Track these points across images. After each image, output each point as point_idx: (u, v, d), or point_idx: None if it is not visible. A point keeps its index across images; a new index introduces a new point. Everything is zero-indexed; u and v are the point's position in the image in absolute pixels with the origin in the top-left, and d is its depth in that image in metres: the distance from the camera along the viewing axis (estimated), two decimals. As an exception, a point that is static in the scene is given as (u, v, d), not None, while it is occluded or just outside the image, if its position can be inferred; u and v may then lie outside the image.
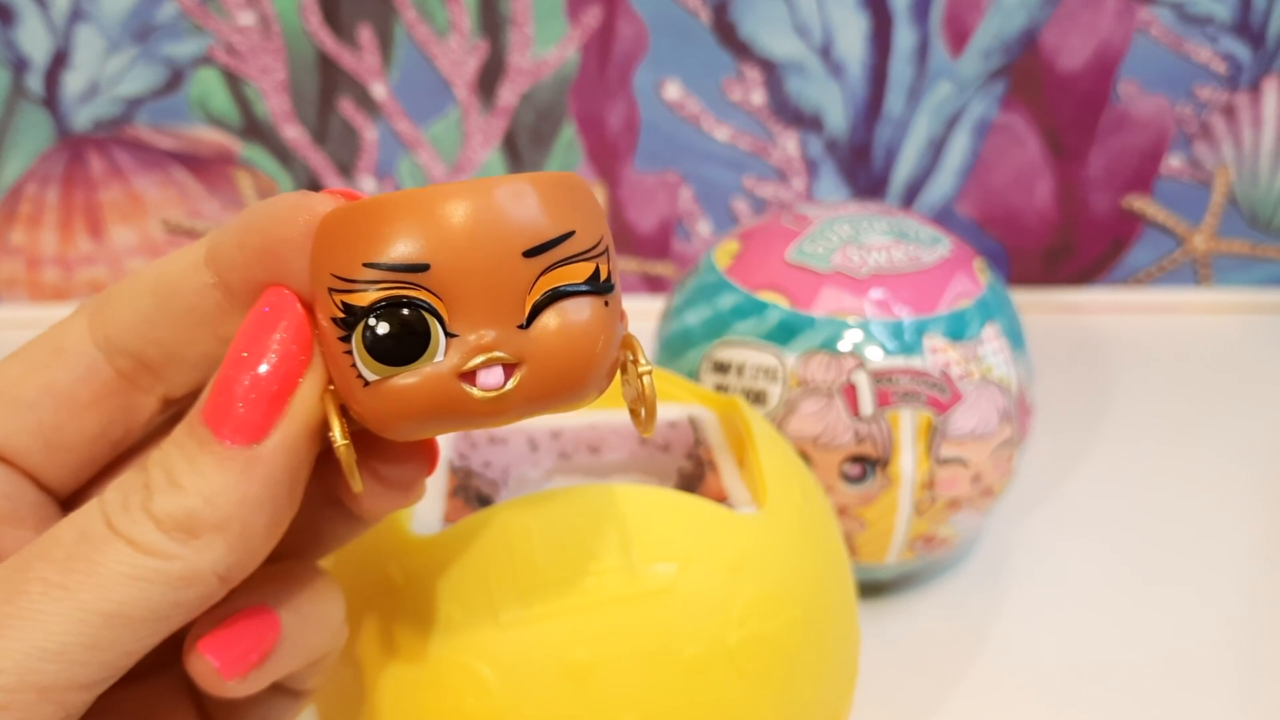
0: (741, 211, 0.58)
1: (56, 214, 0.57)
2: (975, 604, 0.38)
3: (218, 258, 0.19)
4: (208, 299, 0.19)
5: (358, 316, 0.17)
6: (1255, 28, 0.53)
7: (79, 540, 0.17)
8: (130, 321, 0.20)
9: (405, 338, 0.17)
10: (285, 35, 0.54)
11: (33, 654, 0.16)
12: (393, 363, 0.17)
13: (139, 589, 0.17)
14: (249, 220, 0.19)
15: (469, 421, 0.18)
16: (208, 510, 0.17)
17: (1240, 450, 0.47)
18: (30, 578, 0.17)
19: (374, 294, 0.17)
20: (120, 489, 0.18)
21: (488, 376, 0.17)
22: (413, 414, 0.17)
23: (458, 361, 0.17)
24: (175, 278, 0.19)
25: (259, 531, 0.18)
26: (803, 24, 0.53)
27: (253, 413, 0.18)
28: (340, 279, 0.17)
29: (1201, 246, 0.59)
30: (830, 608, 0.26)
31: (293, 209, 0.18)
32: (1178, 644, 0.37)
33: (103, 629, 0.17)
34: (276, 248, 0.18)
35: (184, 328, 0.20)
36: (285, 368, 0.18)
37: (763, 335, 0.34)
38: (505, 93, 0.55)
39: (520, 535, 0.23)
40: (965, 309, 0.35)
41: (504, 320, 0.17)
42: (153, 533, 0.17)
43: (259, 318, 0.18)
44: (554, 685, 0.23)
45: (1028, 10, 0.53)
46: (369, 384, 0.17)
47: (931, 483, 0.34)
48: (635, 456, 0.31)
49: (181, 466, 0.18)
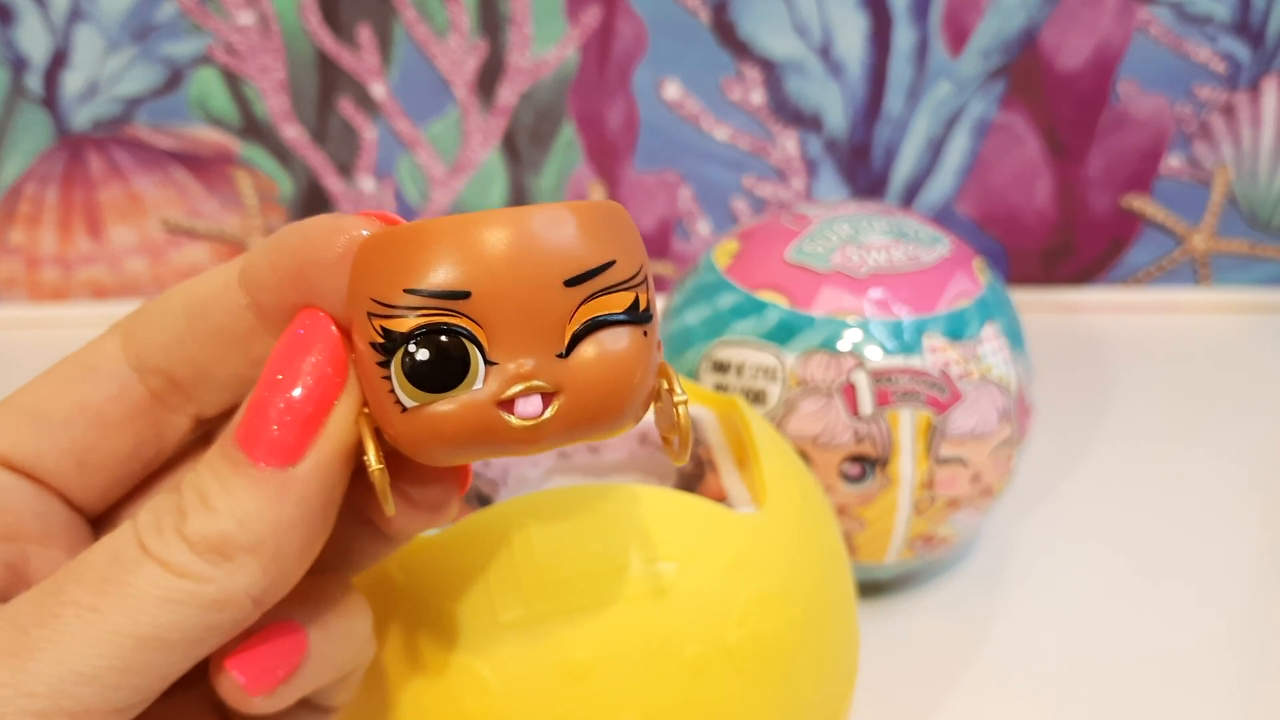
0: (741, 211, 0.58)
1: (56, 213, 0.57)
2: (974, 603, 0.38)
3: (250, 279, 0.19)
4: (240, 320, 0.19)
5: (397, 343, 0.17)
6: (1254, 27, 0.53)
7: (111, 563, 0.17)
8: (162, 341, 0.20)
9: (445, 365, 0.17)
10: (285, 35, 0.54)
11: (66, 678, 0.16)
12: (431, 389, 0.17)
13: (172, 612, 0.17)
14: (281, 241, 0.18)
15: (504, 449, 0.17)
16: (241, 533, 0.17)
17: (1239, 450, 0.47)
18: (64, 600, 0.17)
19: (414, 320, 0.17)
20: (153, 511, 0.18)
21: (526, 405, 0.17)
22: (449, 441, 0.17)
23: (496, 389, 0.17)
24: (207, 298, 0.19)
25: (292, 554, 0.18)
26: (802, 23, 0.53)
27: (287, 435, 0.17)
28: (380, 304, 0.17)
29: (1201, 246, 0.59)
30: (830, 607, 0.26)
31: (327, 231, 0.18)
32: (1177, 643, 0.37)
33: (136, 652, 0.17)
34: (309, 269, 0.18)
35: (215, 348, 0.20)
36: (320, 390, 0.18)
37: (762, 335, 0.34)
38: (505, 92, 0.55)
39: (520, 535, 0.23)
40: (965, 308, 0.35)
41: (543, 349, 0.17)
42: (185, 554, 0.17)
43: (293, 340, 0.18)
44: (553, 685, 0.23)
45: (1027, 10, 0.53)
46: (406, 410, 0.17)
47: (931, 482, 0.34)
48: (635, 456, 0.31)
49: (214, 488, 0.17)
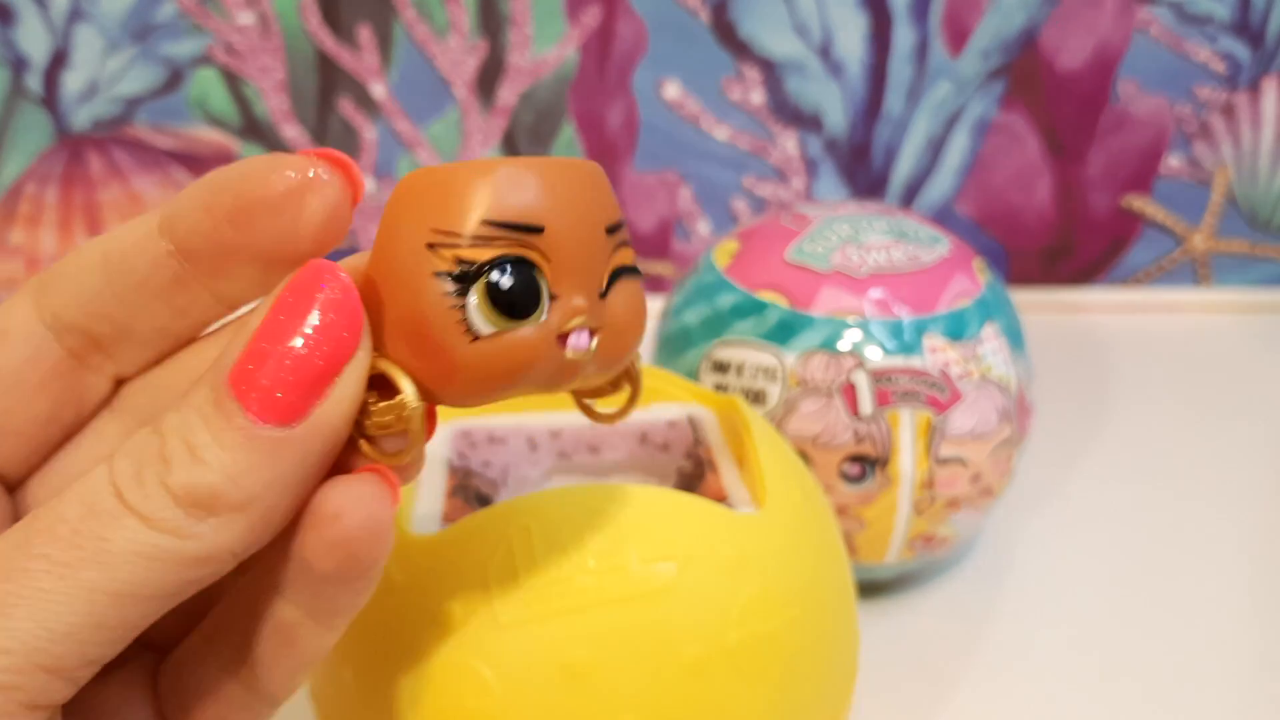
0: (741, 211, 0.58)
1: (56, 214, 0.57)
2: (975, 604, 0.38)
3: (178, 224, 0.18)
4: (162, 269, 0.19)
5: (477, 271, 0.17)
6: (1254, 27, 0.53)
7: (85, 515, 0.16)
8: (79, 297, 0.19)
9: (526, 293, 0.17)
10: (284, 35, 0.54)
11: (40, 635, 0.15)
12: (513, 316, 0.17)
13: (150, 568, 0.16)
14: (216, 182, 0.18)
15: (551, 381, 0.18)
16: (231, 489, 0.16)
17: (1240, 449, 0.47)
18: (32, 554, 0.16)
19: (493, 250, 0.17)
20: (131, 458, 0.17)
21: (579, 339, 0.18)
22: (516, 368, 0.18)
23: (558, 322, 0.18)
24: (126, 250, 0.19)
25: (281, 513, 0.17)
26: (802, 23, 0.53)
27: (290, 395, 0.16)
28: (449, 233, 0.17)
29: (1201, 246, 0.59)
30: (829, 607, 0.26)
31: (268, 170, 0.18)
32: (1178, 643, 0.37)
33: (111, 608, 0.16)
34: (251, 207, 0.18)
35: (136, 301, 0.19)
36: (332, 350, 0.17)
37: (762, 335, 0.34)
38: (504, 92, 0.55)
39: (520, 535, 0.23)
40: (965, 308, 0.35)
41: (590, 289, 0.18)
42: (170, 509, 0.16)
43: (301, 292, 0.17)
44: (553, 685, 0.23)
45: (1027, 10, 0.53)
46: (478, 339, 0.17)
47: (931, 482, 0.34)
48: (634, 456, 0.31)
49: (204, 439, 0.16)
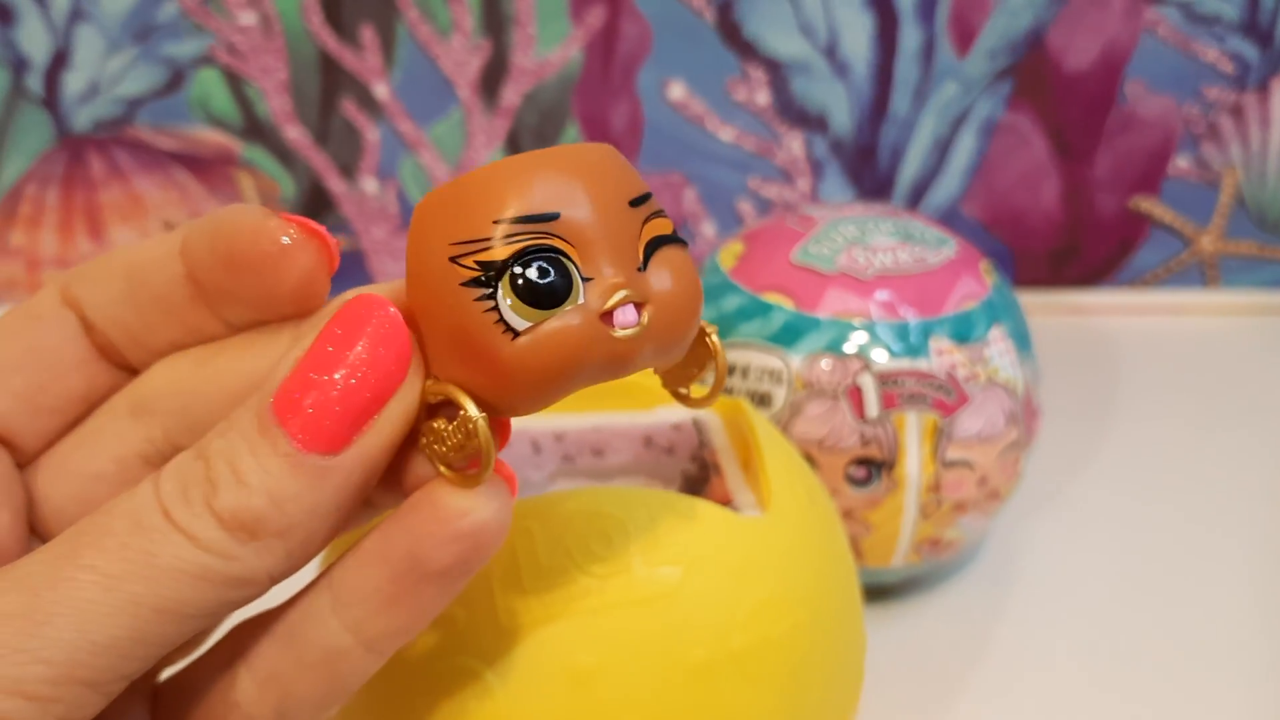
0: (746, 212, 0.57)
1: (56, 215, 0.57)
2: (981, 608, 0.38)
3: (190, 253, 0.19)
4: (179, 289, 0.19)
5: (500, 269, 0.17)
6: (1263, 27, 0.53)
7: (133, 529, 0.16)
8: (99, 300, 0.19)
9: (553, 280, 0.17)
10: (287, 35, 0.53)
11: (83, 646, 0.16)
12: (546, 305, 0.17)
13: (194, 586, 0.16)
14: (219, 226, 0.18)
15: (610, 366, 0.18)
16: (275, 514, 0.17)
17: (1249, 453, 0.47)
18: (80, 565, 0.16)
19: (511, 246, 0.17)
20: (177, 477, 0.17)
21: (624, 315, 0.18)
22: (567, 357, 0.17)
23: (598, 301, 0.17)
24: (149, 264, 0.19)
25: (320, 539, 0.17)
26: (808, 24, 0.53)
27: (336, 425, 0.17)
28: (465, 243, 0.17)
29: (1209, 248, 0.58)
30: (836, 611, 0.26)
31: (255, 230, 0.18)
32: (1186, 647, 0.36)
33: (152, 623, 0.16)
34: (239, 260, 0.18)
35: (152, 315, 0.19)
36: (379, 383, 0.17)
37: (767, 337, 0.34)
38: (508, 93, 0.55)
39: (523, 538, 0.23)
40: (971, 311, 0.34)
41: (625, 264, 0.18)
42: (215, 530, 0.16)
43: (350, 324, 0.17)
44: (557, 689, 0.22)
45: (1034, 10, 0.53)
46: (519, 336, 0.17)
47: (937, 485, 0.34)
48: (639, 459, 0.31)
49: (249, 463, 0.17)
